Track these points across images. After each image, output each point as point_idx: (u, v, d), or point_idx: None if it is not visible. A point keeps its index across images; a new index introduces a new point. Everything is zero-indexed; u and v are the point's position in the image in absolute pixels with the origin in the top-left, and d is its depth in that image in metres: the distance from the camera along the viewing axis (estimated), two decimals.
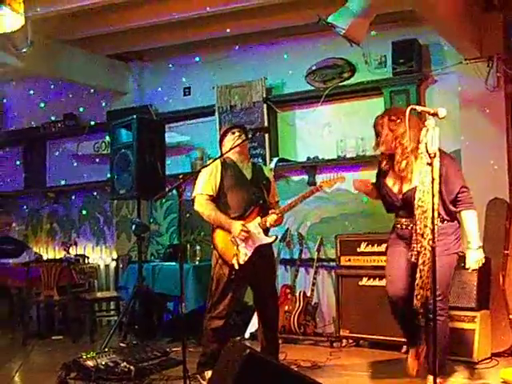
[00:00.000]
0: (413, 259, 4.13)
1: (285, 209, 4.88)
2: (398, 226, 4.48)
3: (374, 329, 5.97)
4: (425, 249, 4.05)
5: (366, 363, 5.42)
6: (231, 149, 4.73)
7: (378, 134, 4.42)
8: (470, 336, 5.30)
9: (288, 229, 7.13)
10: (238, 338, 6.26)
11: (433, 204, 3.52)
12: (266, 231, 4.83)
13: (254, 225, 4.77)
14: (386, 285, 4.56)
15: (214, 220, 4.74)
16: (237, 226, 4.67)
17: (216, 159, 4.76)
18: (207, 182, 4.81)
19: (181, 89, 8.00)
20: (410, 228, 4.31)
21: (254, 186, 4.88)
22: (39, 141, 9.12)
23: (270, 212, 4.83)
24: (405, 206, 4.34)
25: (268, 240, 4.84)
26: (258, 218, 4.78)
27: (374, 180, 4.68)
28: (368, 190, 4.63)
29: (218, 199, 4.82)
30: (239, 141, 4.80)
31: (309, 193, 4.96)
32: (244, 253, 4.68)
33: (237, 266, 4.65)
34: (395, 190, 4.44)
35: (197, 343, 5.70)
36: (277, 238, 5.01)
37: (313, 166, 7.13)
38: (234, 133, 4.91)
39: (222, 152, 4.93)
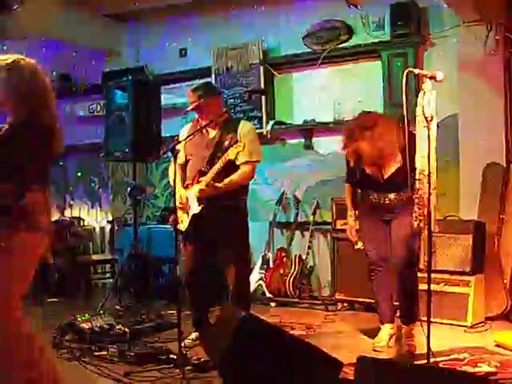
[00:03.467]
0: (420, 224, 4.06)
1: (207, 180, 4.53)
2: (372, 199, 4.71)
3: (368, 292, 5.97)
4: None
5: (360, 327, 5.44)
6: (185, 112, 4.84)
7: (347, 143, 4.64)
8: (464, 300, 5.33)
9: (284, 192, 7.13)
10: None
11: (429, 168, 3.50)
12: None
13: (192, 192, 4.63)
14: (369, 255, 4.79)
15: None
16: (177, 196, 4.54)
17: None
18: (181, 149, 4.74)
19: (177, 50, 7.92)
20: (383, 201, 4.63)
21: (214, 148, 4.66)
22: None
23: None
24: (388, 185, 4.56)
25: (195, 210, 4.61)
26: (197, 185, 4.60)
27: None
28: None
29: (186, 166, 4.79)
30: (191, 101, 4.70)
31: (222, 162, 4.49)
32: (185, 220, 4.65)
33: (182, 229, 4.65)
34: (377, 175, 4.67)
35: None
36: (203, 207, 4.57)
37: (309, 129, 7.09)
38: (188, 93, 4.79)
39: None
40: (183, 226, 4.68)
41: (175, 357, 4.12)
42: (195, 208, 4.60)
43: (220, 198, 4.52)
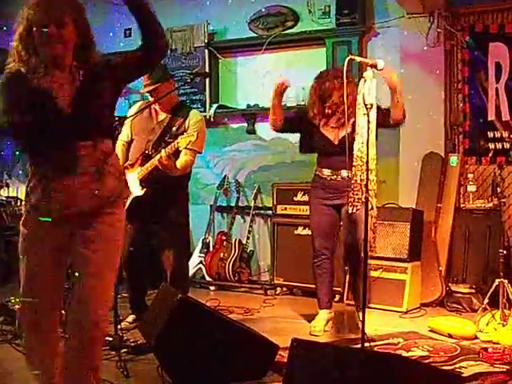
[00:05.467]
0: (354, 210, 4.03)
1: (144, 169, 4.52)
2: (324, 176, 4.73)
3: (307, 277, 6.02)
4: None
5: (298, 311, 5.49)
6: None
7: (324, 97, 4.63)
8: (400, 286, 5.44)
9: (225, 176, 7.12)
10: None
11: (367, 155, 3.53)
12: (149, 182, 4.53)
13: (134, 174, 4.56)
14: (315, 242, 4.80)
15: None
16: None
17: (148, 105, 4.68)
18: (124, 127, 4.72)
19: (121, 30, 7.77)
20: (334, 179, 4.65)
21: (161, 132, 4.62)
22: None
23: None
24: (341, 153, 4.32)
25: (136, 193, 4.54)
26: (139, 167, 4.55)
27: None
28: (281, 92, 4.85)
29: (131, 144, 4.75)
30: (146, 83, 4.64)
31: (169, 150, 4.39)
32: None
33: None
34: (331, 137, 4.68)
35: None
36: (147, 190, 4.52)
37: (252, 114, 7.09)
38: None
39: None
40: None
41: (111, 339, 4.08)
42: (137, 190, 4.54)
43: (161, 180, 4.47)
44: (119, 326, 4.11)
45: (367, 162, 3.56)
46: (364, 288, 3.62)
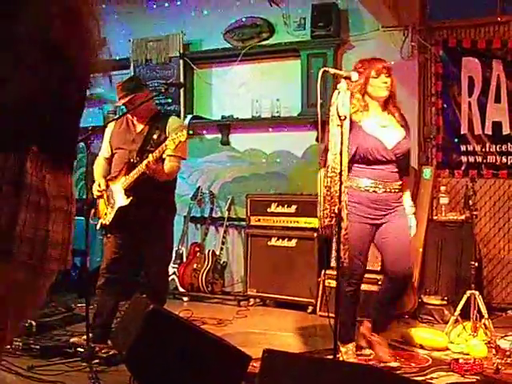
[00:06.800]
0: (332, 222, 3.92)
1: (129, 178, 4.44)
2: (368, 188, 4.06)
3: (280, 289, 6.05)
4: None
5: (271, 322, 5.49)
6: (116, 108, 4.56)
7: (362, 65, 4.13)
8: (373, 298, 5.44)
9: (199, 187, 7.11)
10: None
11: (341, 166, 3.54)
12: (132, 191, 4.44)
13: (118, 184, 4.49)
14: (354, 266, 4.06)
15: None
16: (95, 184, 4.51)
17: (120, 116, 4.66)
18: (104, 142, 4.69)
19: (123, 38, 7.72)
20: (381, 192, 4.06)
21: (143, 142, 4.55)
22: None
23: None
24: (395, 160, 4.09)
25: (122, 203, 4.44)
26: (123, 177, 4.47)
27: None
28: None
29: (112, 159, 4.68)
30: (121, 95, 4.59)
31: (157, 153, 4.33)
32: (109, 212, 4.53)
33: (106, 223, 4.53)
34: (387, 141, 4.09)
35: None
36: (133, 199, 4.39)
37: (227, 125, 7.10)
38: (118, 87, 4.67)
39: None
40: (107, 219, 4.55)
41: (83, 350, 4.04)
42: (122, 200, 4.47)
43: (148, 191, 4.40)
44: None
45: (341, 172, 3.56)
46: (337, 300, 3.62)
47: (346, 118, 3.53)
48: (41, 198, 1.52)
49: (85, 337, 4.12)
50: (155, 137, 4.51)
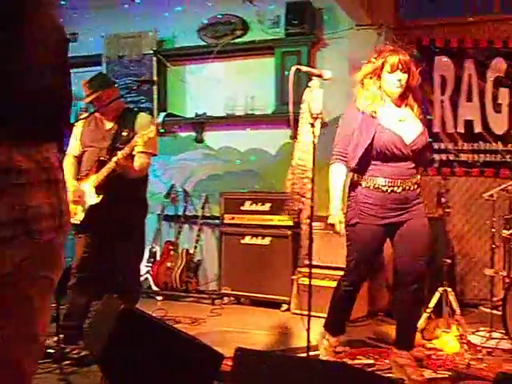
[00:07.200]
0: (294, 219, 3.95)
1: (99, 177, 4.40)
2: (385, 188, 3.75)
3: (254, 287, 6.04)
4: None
5: (246, 320, 5.48)
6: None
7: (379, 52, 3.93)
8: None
9: (173, 185, 7.08)
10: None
11: (313, 164, 3.53)
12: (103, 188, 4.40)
13: (89, 183, 4.45)
14: (352, 269, 4.00)
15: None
16: (69, 186, 4.33)
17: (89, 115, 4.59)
18: (73, 140, 4.61)
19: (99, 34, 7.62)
20: (400, 191, 3.76)
21: (112, 139, 4.50)
22: None
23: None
24: (412, 156, 3.79)
25: (92, 201, 4.39)
26: (94, 175, 4.43)
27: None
28: None
29: (81, 157, 4.62)
30: (87, 93, 4.53)
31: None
32: (80, 212, 4.45)
33: (76, 222, 4.45)
34: (406, 136, 3.77)
35: None
36: (104, 197, 4.35)
37: (200, 123, 7.07)
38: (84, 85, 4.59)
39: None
40: (78, 218, 4.50)
41: (53, 351, 3.99)
42: (93, 198, 4.43)
43: (118, 188, 4.35)
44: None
45: (313, 170, 3.56)
46: (309, 296, 3.61)
47: (318, 116, 3.50)
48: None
49: (55, 338, 4.08)
50: (124, 134, 4.46)
